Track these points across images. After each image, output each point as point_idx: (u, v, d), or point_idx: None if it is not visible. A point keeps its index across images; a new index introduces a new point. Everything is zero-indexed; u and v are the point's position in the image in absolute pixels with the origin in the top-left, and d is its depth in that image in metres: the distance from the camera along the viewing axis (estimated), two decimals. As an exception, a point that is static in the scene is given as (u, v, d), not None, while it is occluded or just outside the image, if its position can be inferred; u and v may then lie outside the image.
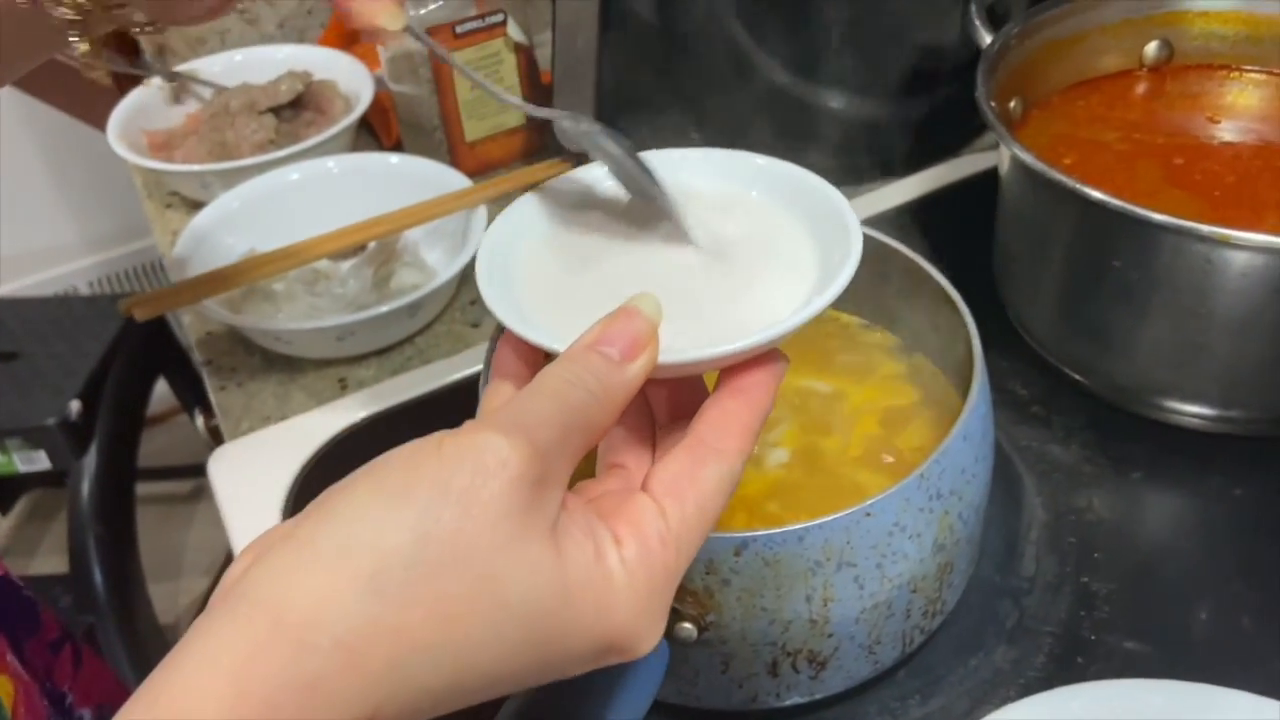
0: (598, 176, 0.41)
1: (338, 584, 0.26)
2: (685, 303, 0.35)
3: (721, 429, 0.32)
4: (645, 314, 0.32)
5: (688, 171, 0.40)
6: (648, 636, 0.30)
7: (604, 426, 0.31)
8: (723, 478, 0.32)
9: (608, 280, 0.37)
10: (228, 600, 0.26)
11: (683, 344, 0.33)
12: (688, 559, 0.31)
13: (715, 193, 0.40)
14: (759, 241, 0.38)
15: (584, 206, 0.40)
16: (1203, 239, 0.50)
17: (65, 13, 0.44)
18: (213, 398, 0.69)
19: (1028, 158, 0.54)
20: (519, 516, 0.28)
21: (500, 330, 0.47)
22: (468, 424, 0.29)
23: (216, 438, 0.69)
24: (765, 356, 0.34)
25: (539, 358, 0.36)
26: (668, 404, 0.37)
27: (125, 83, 0.93)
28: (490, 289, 0.36)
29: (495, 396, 0.35)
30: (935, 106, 0.79)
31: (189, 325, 0.75)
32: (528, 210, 0.40)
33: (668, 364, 0.32)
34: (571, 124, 0.38)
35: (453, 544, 0.27)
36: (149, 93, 0.91)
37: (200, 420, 1.37)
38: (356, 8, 0.36)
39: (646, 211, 0.39)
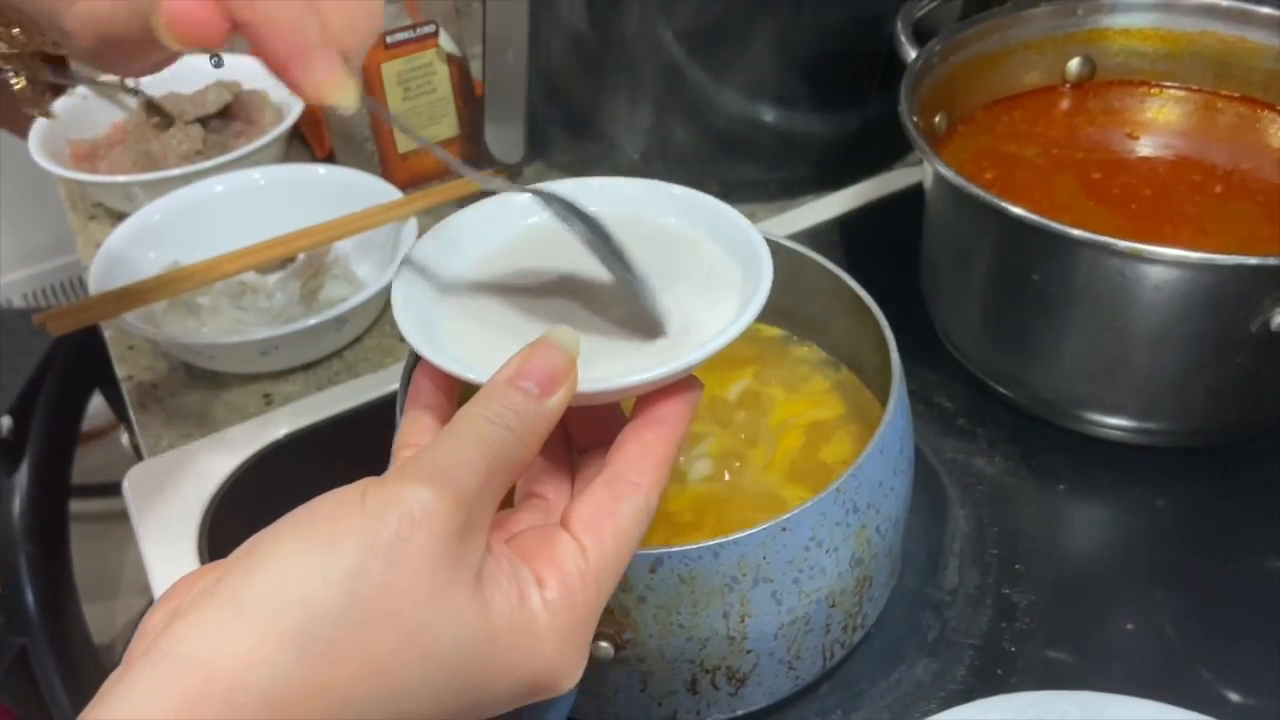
0: (519, 204, 0.41)
1: (265, 641, 0.26)
2: (603, 331, 0.36)
3: (638, 463, 0.33)
4: (563, 346, 0.32)
5: (606, 199, 0.41)
6: (570, 673, 0.31)
7: (525, 462, 0.31)
8: (638, 511, 0.33)
9: (526, 308, 0.37)
10: (149, 656, 0.26)
11: (601, 373, 0.33)
12: (607, 593, 0.32)
13: (632, 220, 0.40)
14: (675, 270, 0.38)
15: (504, 234, 0.41)
16: (1117, 253, 0.51)
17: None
18: (132, 414, 0.67)
19: (948, 173, 0.54)
20: (445, 567, 0.28)
21: (416, 357, 0.48)
22: (391, 473, 0.29)
23: (141, 455, 0.67)
24: (681, 384, 0.34)
25: (456, 386, 0.36)
26: (586, 430, 0.37)
27: (50, 92, 0.91)
28: (406, 315, 0.36)
29: (414, 429, 0.35)
30: (867, 121, 0.80)
31: (110, 340, 0.73)
32: (447, 237, 0.40)
33: (586, 394, 0.33)
34: (543, 202, 0.38)
35: (380, 598, 0.27)
36: (74, 102, 0.89)
37: (125, 437, 1.34)
38: (307, 86, 0.33)
39: (567, 242, 0.39)
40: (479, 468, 0.29)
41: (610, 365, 0.34)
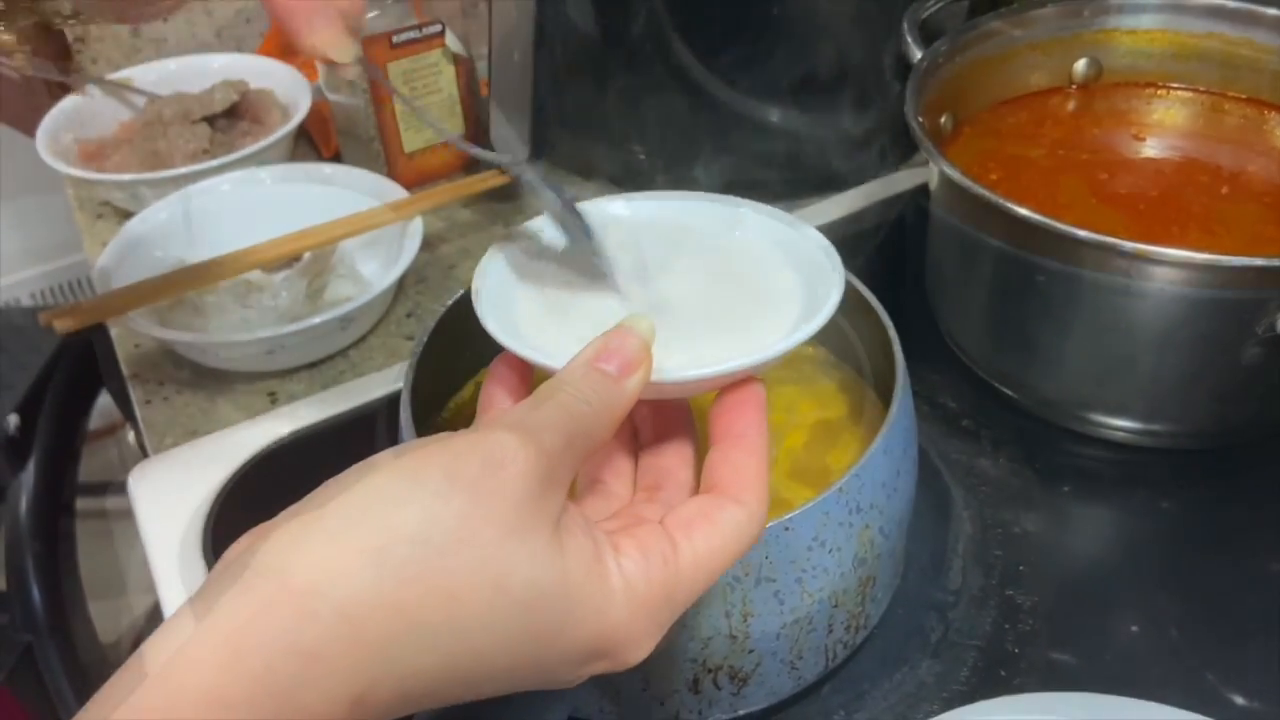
0: (595, 209, 0.43)
1: (343, 555, 0.26)
2: (674, 330, 0.37)
3: (737, 483, 0.33)
4: (639, 333, 0.34)
5: (684, 213, 0.43)
6: (638, 646, 0.31)
7: (602, 440, 0.32)
8: (740, 523, 0.33)
9: (597, 313, 0.39)
10: (229, 570, 0.27)
11: (673, 365, 0.34)
12: (690, 592, 0.32)
13: (705, 231, 0.43)
14: (745, 276, 0.40)
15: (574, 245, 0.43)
16: (1123, 254, 0.50)
17: None
18: (138, 412, 0.68)
19: (953, 173, 0.54)
20: (525, 508, 0.28)
21: (417, 360, 0.48)
22: (475, 425, 0.30)
23: (147, 454, 0.67)
24: (749, 396, 0.35)
25: (531, 371, 0.37)
26: (651, 426, 0.38)
27: (58, 91, 0.91)
28: (486, 311, 0.37)
29: (492, 408, 0.37)
30: (875, 121, 0.79)
31: (116, 338, 0.74)
32: (518, 245, 0.42)
33: (660, 383, 0.34)
34: (516, 171, 0.40)
35: (459, 527, 0.27)
36: (82, 100, 0.89)
37: (132, 436, 1.35)
38: (307, 39, 0.37)
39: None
40: (561, 429, 0.30)
41: (682, 360, 0.35)
